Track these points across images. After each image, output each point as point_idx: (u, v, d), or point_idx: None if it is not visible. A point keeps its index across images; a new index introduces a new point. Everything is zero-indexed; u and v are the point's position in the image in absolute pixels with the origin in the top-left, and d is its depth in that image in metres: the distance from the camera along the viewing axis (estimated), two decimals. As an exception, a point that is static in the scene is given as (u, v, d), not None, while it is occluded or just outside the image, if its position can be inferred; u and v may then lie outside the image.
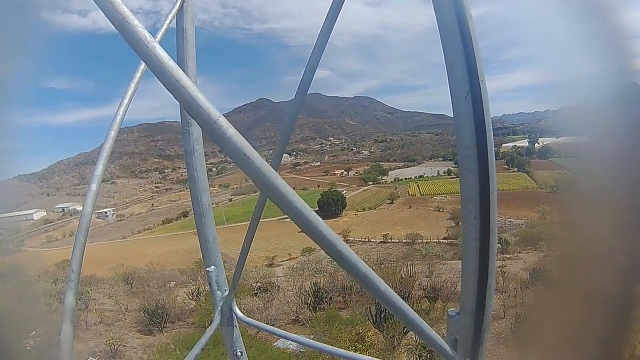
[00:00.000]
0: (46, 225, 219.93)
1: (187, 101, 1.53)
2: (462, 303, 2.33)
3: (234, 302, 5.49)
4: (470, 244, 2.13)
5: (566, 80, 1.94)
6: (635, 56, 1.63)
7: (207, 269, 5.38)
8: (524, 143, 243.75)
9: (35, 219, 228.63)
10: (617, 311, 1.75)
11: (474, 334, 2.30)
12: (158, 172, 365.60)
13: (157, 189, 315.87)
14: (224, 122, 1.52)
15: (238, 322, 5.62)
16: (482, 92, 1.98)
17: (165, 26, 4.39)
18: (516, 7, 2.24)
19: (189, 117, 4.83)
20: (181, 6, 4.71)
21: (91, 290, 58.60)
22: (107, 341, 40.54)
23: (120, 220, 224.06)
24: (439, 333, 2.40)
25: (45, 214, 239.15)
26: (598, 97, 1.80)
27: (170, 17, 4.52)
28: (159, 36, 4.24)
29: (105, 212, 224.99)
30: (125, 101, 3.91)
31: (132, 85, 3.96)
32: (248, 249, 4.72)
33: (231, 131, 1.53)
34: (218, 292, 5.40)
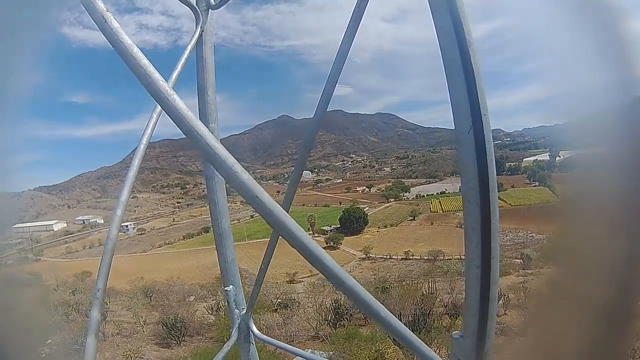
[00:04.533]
0: (66, 236, 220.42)
1: (205, 150, 1.67)
2: (465, 326, 2.40)
3: (251, 320, 5.60)
4: (472, 270, 2.20)
5: (577, 93, 1.96)
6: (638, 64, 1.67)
7: (225, 289, 5.51)
8: (545, 157, 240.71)
9: (55, 229, 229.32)
10: (624, 321, 1.79)
11: (477, 357, 2.37)
12: (180, 188, 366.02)
13: (179, 204, 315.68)
14: (238, 168, 1.66)
15: (255, 339, 5.73)
16: (484, 127, 2.05)
17: (185, 55, 4.53)
18: (530, 20, 2.26)
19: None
20: (200, 35, 4.84)
21: (110, 302, 58.66)
22: (124, 353, 40.55)
23: (141, 234, 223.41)
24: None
25: (65, 225, 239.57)
26: (608, 108, 1.82)
27: (190, 46, 4.66)
28: (179, 65, 4.37)
29: (127, 226, 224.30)
30: (148, 131, 4.06)
31: (154, 115, 4.12)
32: (265, 270, 4.84)
33: (245, 176, 1.67)
34: (236, 310, 5.52)
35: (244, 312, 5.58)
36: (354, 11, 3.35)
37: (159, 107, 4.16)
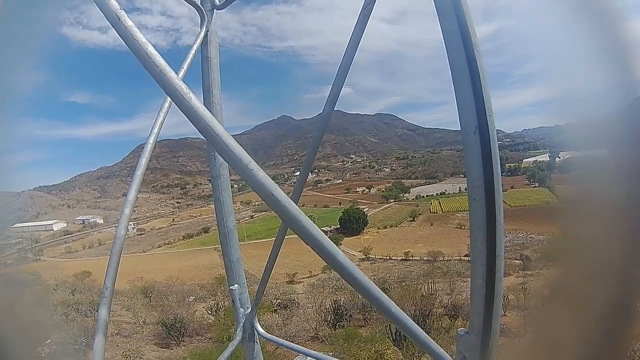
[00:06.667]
0: (66, 236, 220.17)
1: (221, 148, 1.70)
2: (471, 323, 2.43)
3: (256, 319, 5.63)
4: (478, 268, 2.24)
5: (576, 95, 1.98)
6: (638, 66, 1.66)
7: (230, 287, 5.53)
8: (545, 157, 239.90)
9: (55, 229, 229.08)
10: (626, 320, 1.79)
11: (481, 353, 2.40)
12: (179, 188, 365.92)
13: (179, 205, 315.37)
14: (254, 166, 1.69)
15: (259, 338, 5.76)
16: (489, 127, 2.09)
17: (191, 55, 4.55)
18: (530, 21, 2.26)
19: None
20: (205, 35, 4.87)
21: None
22: (123, 352, 40.43)
23: (141, 234, 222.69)
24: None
25: (65, 225, 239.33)
26: (608, 110, 1.82)
27: (195, 46, 4.68)
28: (185, 65, 4.39)
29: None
30: (155, 130, 4.09)
31: (162, 114, 4.14)
32: (271, 269, 4.86)
33: (261, 174, 1.70)
34: (241, 309, 5.55)
35: (249, 311, 5.62)
36: (361, 13, 3.38)
37: (166, 106, 4.19)
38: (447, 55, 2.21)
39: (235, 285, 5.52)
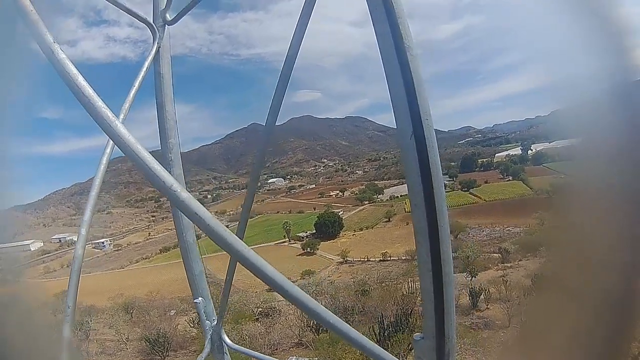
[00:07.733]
0: (44, 255, 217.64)
1: (146, 172, 1.73)
2: (424, 328, 2.43)
3: (223, 330, 5.62)
4: (425, 274, 2.24)
5: (563, 81, 1.93)
6: (632, 51, 1.64)
7: (195, 301, 5.53)
8: (517, 151, 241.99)
9: (32, 249, 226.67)
10: (623, 309, 1.74)
11: (437, 358, 2.41)
12: (154, 201, 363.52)
13: (154, 218, 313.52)
14: (177, 187, 1.72)
15: (228, 350, 5.75)
16: (425, 132, 2.11)
17: (143, 72, 4.54)
18: (505, 12, 2.23)
19: (170, 158, 5.03)
20: (157, 52, 4.86)
21: (91, 321, 58.08)
22: (108, 371, 40.37)
23: (117, 250, 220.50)
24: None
25: (42, 244, 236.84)
26: (595, 96, 1.79)
27: (147, 63, 4.67)
28: (137, 83, 4.39)
29: (102, 242, 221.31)
30: (108, 150, 4.09)
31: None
32: (231, 281, 4.87)
33: (184, 195, 1.72)
34: (207, 321, 5.55)
35: (215, 323, 5.61)
36: (301, 14, 3.39)
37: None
38: (381, 60, 2.22)
39: (200, 299, 5.53)
